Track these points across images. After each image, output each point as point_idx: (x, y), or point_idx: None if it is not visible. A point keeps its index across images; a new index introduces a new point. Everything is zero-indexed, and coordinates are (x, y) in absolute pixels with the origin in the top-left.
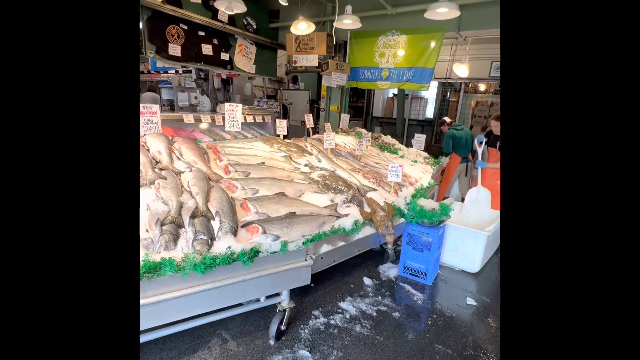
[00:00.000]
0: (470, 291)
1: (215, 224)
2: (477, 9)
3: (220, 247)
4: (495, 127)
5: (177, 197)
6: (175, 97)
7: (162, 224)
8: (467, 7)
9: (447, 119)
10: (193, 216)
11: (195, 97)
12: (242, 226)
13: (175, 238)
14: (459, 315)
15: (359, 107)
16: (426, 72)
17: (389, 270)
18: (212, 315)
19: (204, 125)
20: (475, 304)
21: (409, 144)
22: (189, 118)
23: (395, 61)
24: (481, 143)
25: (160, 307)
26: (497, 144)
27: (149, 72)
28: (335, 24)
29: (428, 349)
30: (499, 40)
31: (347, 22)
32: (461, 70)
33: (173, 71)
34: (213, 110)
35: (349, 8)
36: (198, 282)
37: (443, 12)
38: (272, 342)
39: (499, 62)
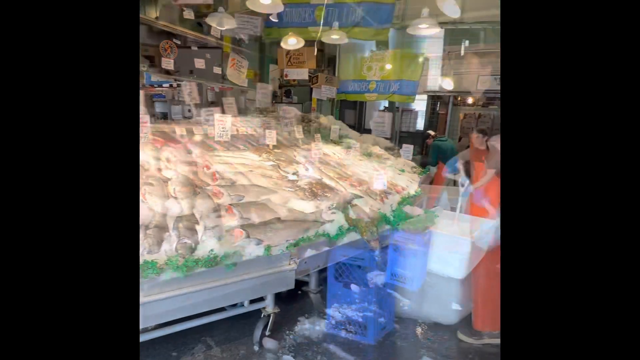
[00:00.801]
0: (456, 296)
1: (199, 228)
2: (457, 26)
3: (204, 250)
4: (477, 138)
5: (162, 203)
6: (169, 110)
7: (147, 228)
8: (449, 24)
9: (432, 132)
10: (178, 221)
11: (189, 110)
12: (227, 231)
13: (159, 242)
14: (444, 320)
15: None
16: (412, 85)
17: (376, 277)
18: (196, 319)
19: (196, 137)
20: (460, 308)
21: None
22: (181, 130)
23: (382, 74)
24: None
25: (142, 309)
26: (481, 157)
27: (144, 86)
28: (322, 39)
29: (413, 354)
30: (484, 55)
31: (335, 37)
32: (446, 84)
33: (167, 85)
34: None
35: (336, 24)
36: (180, 285)
37: (424, 28)
38: (256, 347)
39: (486, 76)
